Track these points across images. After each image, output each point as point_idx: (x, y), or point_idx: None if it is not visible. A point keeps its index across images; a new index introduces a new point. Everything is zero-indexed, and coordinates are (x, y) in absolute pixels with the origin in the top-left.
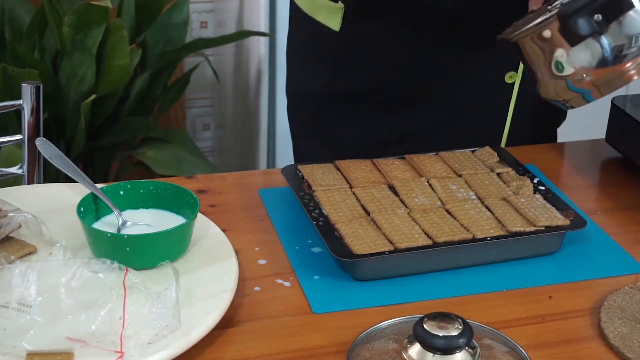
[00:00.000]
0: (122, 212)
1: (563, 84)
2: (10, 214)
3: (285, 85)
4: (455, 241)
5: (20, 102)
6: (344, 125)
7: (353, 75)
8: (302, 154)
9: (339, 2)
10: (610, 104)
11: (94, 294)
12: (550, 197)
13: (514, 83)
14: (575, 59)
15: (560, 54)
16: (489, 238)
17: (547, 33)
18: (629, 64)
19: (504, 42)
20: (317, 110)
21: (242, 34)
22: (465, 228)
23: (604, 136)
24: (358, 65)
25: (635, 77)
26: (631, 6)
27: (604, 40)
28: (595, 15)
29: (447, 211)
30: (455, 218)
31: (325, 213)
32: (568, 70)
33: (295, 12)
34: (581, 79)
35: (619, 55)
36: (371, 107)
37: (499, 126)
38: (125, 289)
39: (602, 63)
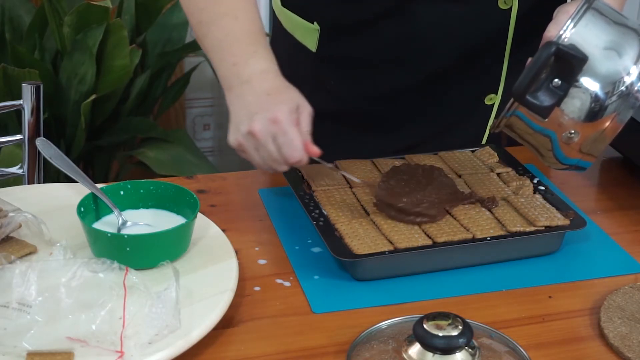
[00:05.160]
0: (122, 212)
1: (553, 157)
2: (11, 214)
3: None
4: (455, 241)
5: (21, 102)
6: (323, 142)
7: (330, 95)
8: None
9: (315, 23)
10: None
11: (94, 294)
12: (550, 197)
13: (493, 104)
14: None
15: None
16: (489, 238)
17: (518, 117)
18: (608, 116)
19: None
20: None
21: None
22: (465, 228)
23: None
24: (335, 86)
25: (615, 130)
26: (584, 60)
27: (576, 98)
28: (554, 81)
29: (447, 211)
30: (455, 218)
31: (325, 213)
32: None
33: (277, 24)
34: (570, 137)
35: (597, 108)
36: (346, 127)
37: (477, 144)
38: (125, 289)
39: (586, 118)
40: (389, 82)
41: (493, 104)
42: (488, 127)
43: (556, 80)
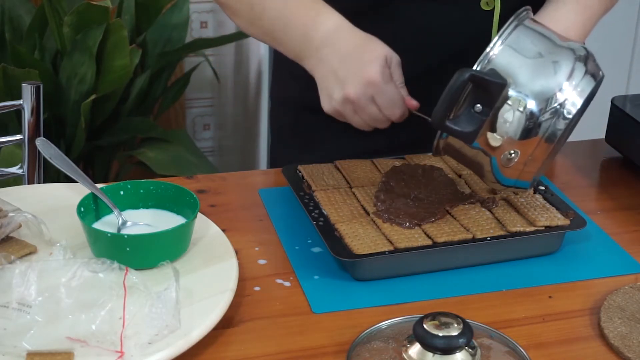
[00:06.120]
0: (122, 212)
1: (493, 179)
2: (11, 214)
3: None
4: (455, 241)
5: (21, 102)
6: (320, 137)
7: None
8: (277, 159)
9: None
10: (610, 104)
11: (94, 294)
12: (550, 197)
13: None
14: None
15: (473, 152)
16: (489, 238)
17: (449, 142)
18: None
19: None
20: (295, 119)
21: (242, 34)
22: (465, 228)
23: (603, 136)
24: None
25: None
26: (502, 86)
27: (510, 116)
28: (476, 106)
29: (447, 211)
30: (455, 218)
31: (325, 213)
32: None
33: None
34: (509, 158)
35: (531, 125)
36: (344, 126)
37: None
38: (125, 289)
39: (522, 136)
40: None
41: None
42: None
43: (478, 105)
